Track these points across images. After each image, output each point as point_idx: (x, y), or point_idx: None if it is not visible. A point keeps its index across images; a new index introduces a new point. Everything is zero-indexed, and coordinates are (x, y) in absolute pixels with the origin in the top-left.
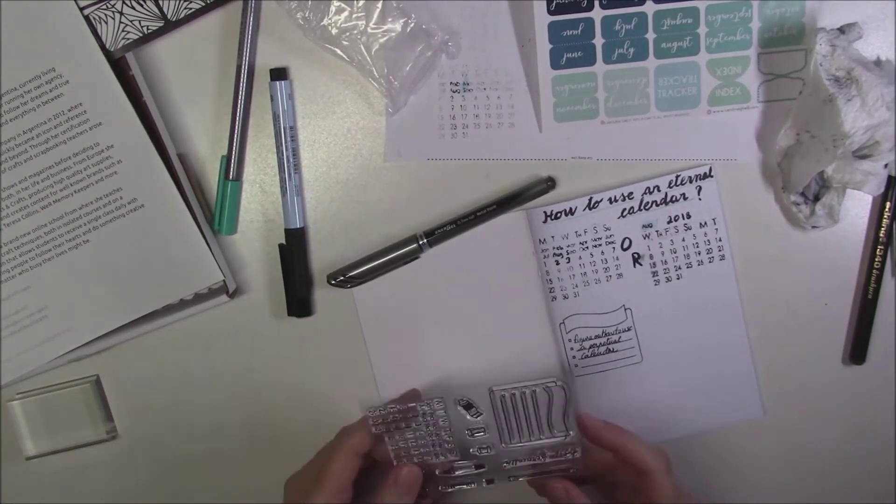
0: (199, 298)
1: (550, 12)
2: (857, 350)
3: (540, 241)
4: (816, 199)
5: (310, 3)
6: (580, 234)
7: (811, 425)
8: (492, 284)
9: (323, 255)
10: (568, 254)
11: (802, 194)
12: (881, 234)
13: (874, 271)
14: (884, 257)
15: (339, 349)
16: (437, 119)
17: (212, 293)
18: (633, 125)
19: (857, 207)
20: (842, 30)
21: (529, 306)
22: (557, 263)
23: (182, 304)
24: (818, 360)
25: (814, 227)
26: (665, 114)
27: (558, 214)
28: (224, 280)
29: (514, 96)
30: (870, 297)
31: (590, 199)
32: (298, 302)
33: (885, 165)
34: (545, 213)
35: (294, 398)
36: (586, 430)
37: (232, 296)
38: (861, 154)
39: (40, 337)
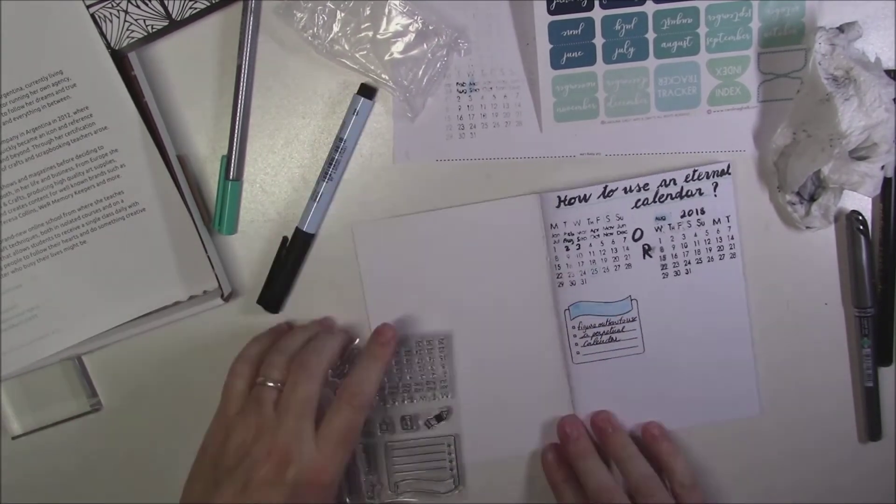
0: (193, 301)
1: (550, 12)
2: (882, 352)
3: (551, 225)
4: (812, 199)
5: (317, 18)
6: (592, 222)
7: (811, 425)
8: (499, 263)
9: (322, 255)
10: (578, 240)
11: (798, 194)
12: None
13: (878, 271)
14: (883, 258)
15: None
16: (444, 120)
17: (207, 295)
18: (633, 125)
19: (857, 207)
20: (841, 29)
21: (535, 289)
22: (567, 249)
23: (176, 306)
24: (819, 360)
25: (808, 227)
26: (665, 113)
27: (572, 200)
28: (220, 284)
29: (520, 94)
30: (878, 297)
31: (605, 188)
32: (272, 298)
33: (882, 167)
34: (559, 197)
35: None
36: (648, 436)
37: (227, 299)
38: (858, 155)
39: (29, 336)
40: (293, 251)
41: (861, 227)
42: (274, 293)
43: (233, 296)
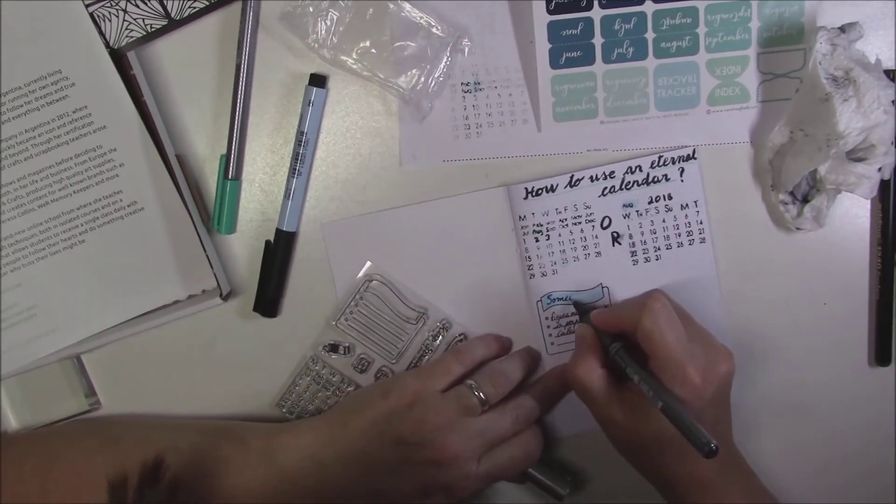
0: (192, 300)
1: (550, 12)
2: (882, 352)
3: (520, 217)
4: (805, 200)
5: (320, 24)
6: (560, 212)
7: (810, 424)
8: (469, 258)
9: (319, 255)
10: (547, 231)
11: (791, 194)
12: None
13: (877, 272)
14: (882, 259)
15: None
16: (450, 120)
17: (206, 294)
18: (632, 125)
19: (856, 207)
20: (842, 29)
21: (507, 282)
22: (537, 241)
23: (175, 305)
24: (818, 359)
25: (798, 228)
26: (664, 113)
27: (539, 191)
28: (218, 284)
29: (525, 92)
30: (877, 297)
31: (571, 177)
32: (266, 302)
33: (879, 169)
34: (526, 189)
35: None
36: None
37: (226, 298)
38: (856, 157)
39: (28, 335)
40: (278, 253)
41: None
42: (268, 298)
43: (231, 295)
